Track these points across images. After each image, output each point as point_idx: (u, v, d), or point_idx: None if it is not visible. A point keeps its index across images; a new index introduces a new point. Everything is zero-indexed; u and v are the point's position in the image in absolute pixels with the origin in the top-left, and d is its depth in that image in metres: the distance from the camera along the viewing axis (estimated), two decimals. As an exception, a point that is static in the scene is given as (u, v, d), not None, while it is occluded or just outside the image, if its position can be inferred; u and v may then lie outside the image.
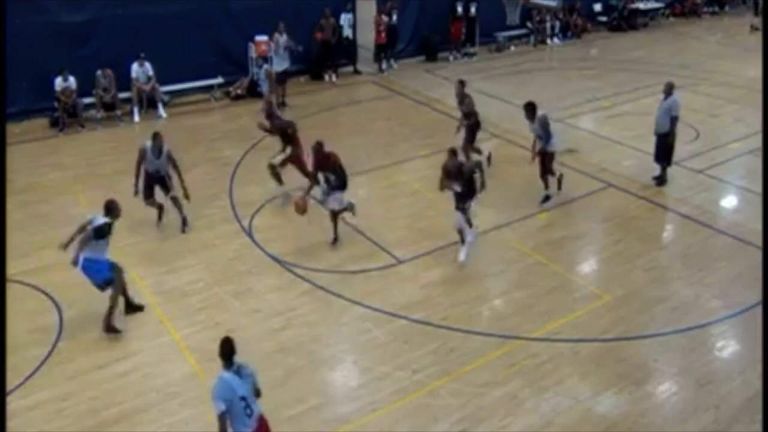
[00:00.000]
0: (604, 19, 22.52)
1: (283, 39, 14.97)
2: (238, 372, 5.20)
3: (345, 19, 16.97)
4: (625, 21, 22.50)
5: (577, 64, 18.61)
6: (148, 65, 14.09)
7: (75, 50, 13.62)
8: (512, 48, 19.85)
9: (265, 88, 15.29)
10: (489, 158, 11.59)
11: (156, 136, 9.35)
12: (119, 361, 7.26)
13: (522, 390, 6.89)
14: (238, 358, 5.29)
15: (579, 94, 15.74)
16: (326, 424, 6.50)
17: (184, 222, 9.67)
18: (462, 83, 11.67)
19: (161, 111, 14.19)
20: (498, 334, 7.68)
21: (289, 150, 10.45)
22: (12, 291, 8.25)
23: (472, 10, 18.76)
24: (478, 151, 11.55)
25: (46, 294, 8.25)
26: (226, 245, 9.41)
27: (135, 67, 14.05)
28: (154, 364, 7.25)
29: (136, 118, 13.91)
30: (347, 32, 17.04)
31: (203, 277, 8.70)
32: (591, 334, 7.72)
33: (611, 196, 10.94)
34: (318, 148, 9.26)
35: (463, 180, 8.77)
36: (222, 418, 5.11)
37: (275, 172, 10.48)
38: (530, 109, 10.31)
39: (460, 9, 18.59)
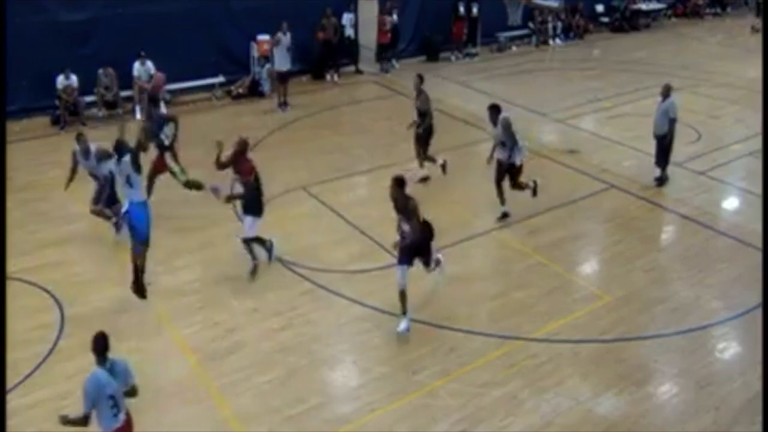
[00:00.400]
0: (606, 19, 22.52)
1: (285, 39, 14.96)
2: (111, 369, 5.16)
3: (347, 18, 17.01)
4: (627, 22, 22.51)
5: (579, 64, 18.61)
6: (149, 64, 14.10)
7: (77, 49, 13.62)
8: (514, 48, 19.85)
9: (266, 87, 15.32)
10: (444, 167, 11.15)
11: (79, 137, 9.15)
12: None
13: (522, 390, 6.88)
14: (114, 354, 5.25)
15: (580, 95, 15.73)
16: (326, 423, 6.48)
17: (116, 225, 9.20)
18: (420, 77, 11.18)
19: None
20: (498, 334, 7.67)
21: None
22: (12, 288, 8.24)
23: (474, 10, 18.78)
24: (432, 160, 11.12)
25: (47, 291, 8.25)
26: (225, 244, 9.36)
27: (137, 65, 14.07)
28: (153, 363, 7.20)
29: (138, 116, 13.91)
30: (349, 32, 17.06)
31: (202, 276, 8.68)
32: (591, 334, 7.71)
33: (612, 197, 10.93)
34: (241, 144, 8.43)
35: (409, 219, 7.41)
36: (88, 417, 5.10)
37: (193, 183, 10.14)
38: (494, 110, 9.68)
39: (462, 9, 18.60)
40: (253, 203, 8.48)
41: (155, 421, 6.49)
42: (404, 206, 7.44)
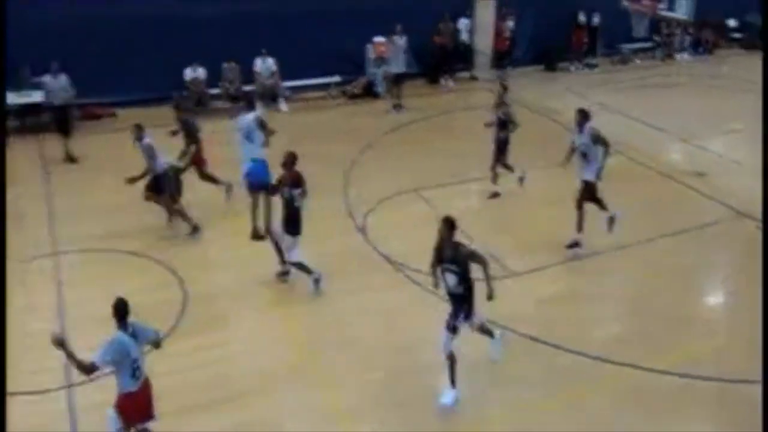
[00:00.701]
0: (738, 35, 21.20)
1: (401, 41, 15.06)
2: (133, 333, 5.33)
3: (463, 23, 16.95)
4: (762, 39, 21.06)
5: (707, 81, 17.62)
6: (271, 60, 14.63)
7: (205, 43, 14.24)
8: (637, 61, 19.04)
9: (381, 88, 15.47)
10: (522, 180, 10.84)
11: (134, 127, 9.26)
12: (230, 343, 7.54)
13: (636, 422, 6.51)
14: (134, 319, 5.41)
15: (708, 114, 14.86)
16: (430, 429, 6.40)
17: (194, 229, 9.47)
18: (504, 87, 10.86)
19: (282, 105, 14.64)
20: (613, 360, 7.30)
21: (193, 148, 10.07)
22: (140, 265, 8.84)
23: (596, 19, 18.22)
24: (511, 169, 10.74)
25: (171, 270, 8.67)
26: (337, 241, 9.52)
27: (258, 62, 14.59)
28: (265, 348, 7.47)
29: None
30: (464, 37, 16.99)
31: (314, 268, 8.78)
32: (714, 372, 7.18)
33: (740, 225, 10.22)
34: (288, 159, 7.90)
35: (458, 270, 6.34)
36: (94, 368, 5.15)
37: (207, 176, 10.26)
38: (583, 115, 8.95)
39: (582, 17, 18.08)
40: (289, 221, 8.00)
41: (261, 405, 6.71)
42: (453, 255, 6.30)
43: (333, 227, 9.87)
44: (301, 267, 8.22)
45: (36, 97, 12.90)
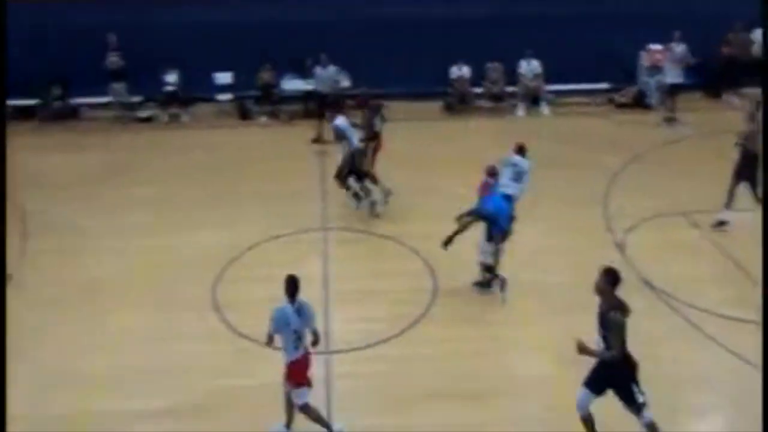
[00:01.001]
0: None
1: (679, 49, 13.90)
2: (299, 310, 5.82)
3: (758, 34, 15.10)
4: None
5: None
6: (536, 63, 14.46)
7: (471, 42, 14.42)
8: None
9: (654, 99, 14.44)
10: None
11: (329, 114, 10.26)
12: (479, 340, 7.60)
13: None
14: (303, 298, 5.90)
15: None
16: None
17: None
18: (756, 103, 9.59)
19: (544, 108, 14.40)
20: None
21: (372, 146, 10.65)
22: (393, 250, 9.30)
23: None
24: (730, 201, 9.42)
25: (425, 259, 8.94)
26: (594, 254, 8.89)
27: (523, 63, 14.51)
28: (512, 353, 7.45)
29: (520, 112, 14.30)
30: (757, 49, 15.15)
31: (568, 280, 8.42)
32: None
33: None
34: (491, 172, 8.61)
35: (608, 336, 5.51)
36: (270, 337, 5.92)
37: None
38: None
39: None
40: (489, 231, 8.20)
41: (504, 407, 6.69)
42: (605, 313, 5.46)
43: (590, 239, 9.44)
44: (489, 270, 8.25)
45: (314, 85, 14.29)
